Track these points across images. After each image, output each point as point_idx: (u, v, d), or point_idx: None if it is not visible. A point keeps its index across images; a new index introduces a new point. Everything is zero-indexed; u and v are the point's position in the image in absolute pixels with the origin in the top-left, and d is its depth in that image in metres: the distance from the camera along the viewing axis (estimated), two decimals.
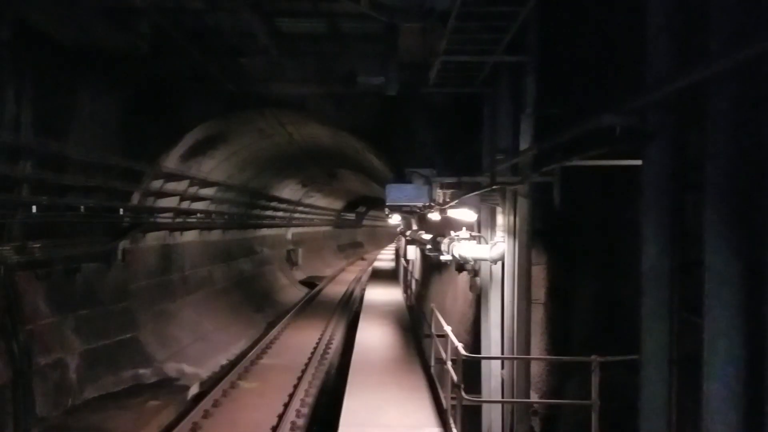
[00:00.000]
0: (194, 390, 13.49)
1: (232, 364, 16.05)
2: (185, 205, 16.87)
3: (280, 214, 29.11)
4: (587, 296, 7.48)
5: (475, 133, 9.91)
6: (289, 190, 28.25)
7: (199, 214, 18.41)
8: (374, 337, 13.45)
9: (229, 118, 14.29)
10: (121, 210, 13.65)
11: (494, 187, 7.82)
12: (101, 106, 12.10)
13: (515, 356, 7.44)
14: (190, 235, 18.95)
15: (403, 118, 12.97)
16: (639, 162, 3.74)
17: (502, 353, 8.15)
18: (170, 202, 15.85)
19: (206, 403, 12.39)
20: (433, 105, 12.37)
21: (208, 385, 14.10)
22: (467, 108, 10.34)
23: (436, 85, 8.81)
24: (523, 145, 7.24)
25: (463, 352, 6.71)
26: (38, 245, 10.95)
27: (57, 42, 9.84)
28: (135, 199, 13.81)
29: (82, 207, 11.79)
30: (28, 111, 9.89)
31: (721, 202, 2.99)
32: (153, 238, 16.18)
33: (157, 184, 14.47)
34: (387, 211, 20.48)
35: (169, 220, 16.47)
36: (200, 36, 10.82)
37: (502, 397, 7.94)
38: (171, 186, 15.17)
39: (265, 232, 28.61)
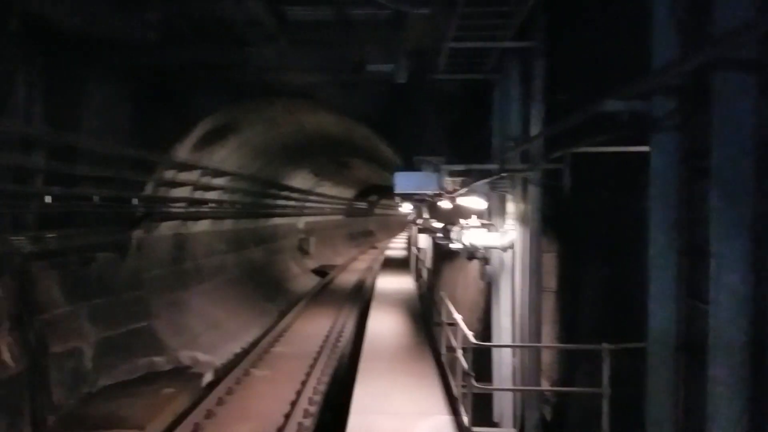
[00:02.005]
0: (208, 378, 13.63)
1: (245, 352, 16.18)
2: (198, 194, 16.97)
3: (291, 203, 29.19)
4: (598, 283, 7.45)
5: (484, 121, 9.86)
6: (300, 179, 28.31)
7: (211, 204, 18.51)
8: (385, 326, 13.50)
9: (239, 108, 14.31)
10: (135, 200, 13.75)
11: (504, 174, 7.79)
12: (112, 97, 12.16)
13: (525, 344, 7.43)
14: (203, 225, 19.07)
15: (412, 105, 12.92)
16: (647, 148, 3.70)
17: (513, 341, 8.15)
18: (183, 191, 15.95)
19: (220, 391, 12.52)
20: (441, 92, 12.30)
21: (222, 372, 14.23)
22: (476, 95, 10.29)
23: (445, 71, 8.76)
24: (533, 131, 7.20)
25: (473, 340, 6.71)
26: (53, 235, 11.07)
27: (66, 33, 9.88)
28: (148, 189, 13.91)
29: (95, 197, 11.89)
30: (39, 101, 9.97)
31: (728, 188, 2.96)
32: (166, 228, 16.30)
33: (169, 174, 14.55)
34: (398, 199, 20.47)
35: (182, 210, 16.58)
36: (208, 25, 10.82)
37: (513, 385, 7.95)
38: (183, 176, 15.26)
39: (276, 221, 28.72)
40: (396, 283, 21.14)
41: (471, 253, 9.89)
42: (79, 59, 10.91)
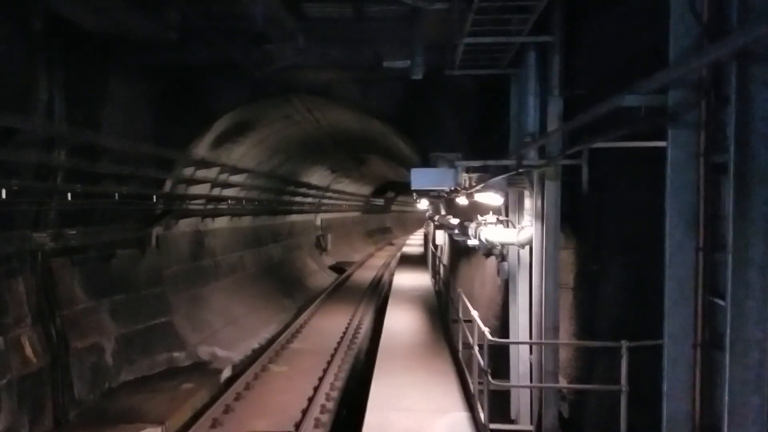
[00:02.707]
0: (227, 373, 13.76)
1: (263, 348, 16.31)
2: (216, 191, 17.11)
3: (309, 200, 29.29)
4: (616, 280, 7.39)
5: (501, 116, 9.81)
6: (317, 176, 28.40)
7: (229, 201, 18.65)
8: (402, 322, 13.52)
9: (256, 106, 14.38)
10: (154, 197, 13.91)
11: (521, 170, 7.75)
12: (131, 95, 12.30)
13: (542, 341, 7.40)
14: (222, 222, 19.23)
15: (429, 101, 12.90)
16: (665, 143, 3.67)
17: (530, 338, 8.11)
18: (201, 189, 16.08)
19: (238, 386, 12.63)
20: (458, 88, 12.26)
21: (240, 368, 14.37)
22: (493, 91, 10.23)
23: (461, 67, 8.73)
24: (550, 127, 7.15)
25: (489, 336, 6.70)
26: (74, 232, 11.24)
27: (87, 31, 10.00)
28: (167, 186, 14.05)
29: (116, 194, 12.04)
30: (61, 100, 10.11)
31: (747, 183, 2.92)
32: (185, 225, 16.46)
33: (188, 171, 14.69)
34: (415, 196, 20.46)
35: (201, 207, 16.74)
36: (227, 24, 10.89)
37: (531, 383, 7.92)
38: (202, 173, 15.39)
39: (294, 218, 28.85)
40: (413, 280, 21.15)
41: (488, 249, 9.87)
42: (100, 58, 11.04)
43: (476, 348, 7.51)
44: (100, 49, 10.80)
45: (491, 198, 9.36)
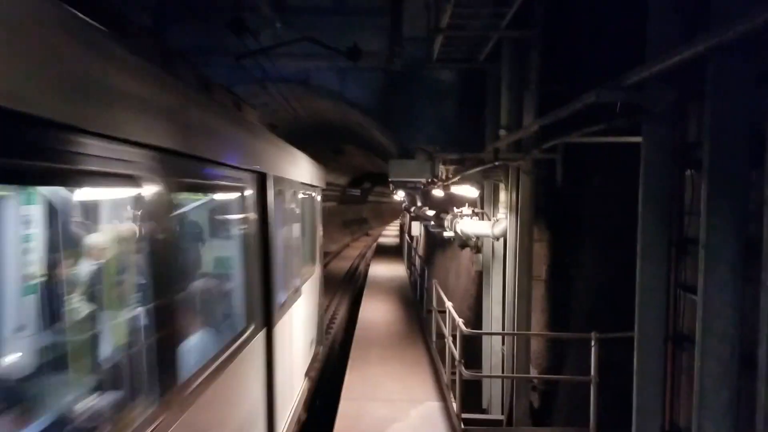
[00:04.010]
0: None
1: None
2: None
3: None
4: (588, 273, 7.50)
5: (479, 110, 9.85)
6: None
7: None
8: (377, 313, 13.54)
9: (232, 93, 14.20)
10: None
11: (496, 163, 7.79)
12: None
13: (515, 332, 7.48)
14: None
15: (408, 93, 12.89)
16: (640, 139, 3.72)
17: (503, 329, 8.19)
18: None
19: None
20: (437, 81, 12.27)
21: None
22: (472, 84, 10.27)
23: (440, 60, 8.74)
24: (527, 121, 7.19)
25: (463, 327, 6.75)
26: None
27: None
28: None
29: None
30: None
31: (720, 180, 2.97)
32: None
33: None
34: (392, 187, 20.47)
35: None
36: (204, 10, 10.73)
37: (503, 373, 8.00)
38: None
39: None
40: (388, 271, 21.18)
41: (463, 241, 9.93)
42: None
43: (450, 338, 7.56)
44: None
45: (467, 190, 9.41)
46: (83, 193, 2.50)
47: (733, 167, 2.95)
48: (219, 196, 4.17)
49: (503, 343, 8.15)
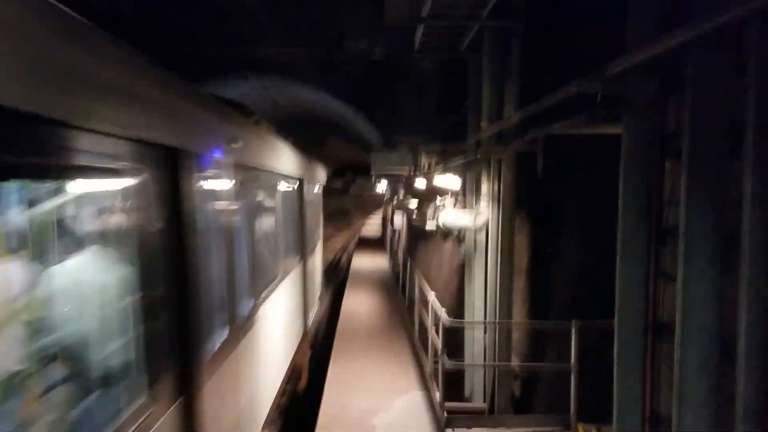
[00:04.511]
0: None
1: None
2: None
3: None
4: (569, 264, 7.55)
5: (462, 101, 9.85)
6: None
7: None
8: (360, 305, 13.54)
9: (214, 83, 14.04)
10: None
11: (478, 155, 7.80)
12: None
13: (497, 321, 7.52)
14: None
15: (390, 84, 12.85)
16: (620, 130, 3.73)
17: (485, 319, 8.24)
18: None
19: None
20: (420, 72, 12.24)
21: None
22: (454, 75, 10.26)
23: (421, 50, 8.70)
24: (508, 112, 7.20)
25: (445, 318, 6.77)
26: None
27: None
28: None
29: None
30: None
31: (700, 170, 2.99)
32: None
33: None
34: (374, 178, 20.43)
35: None
36: None
37: (485, 362, 8.05)
38: None
39: None
40: (371, 262, 21.19)
41: (445, 232, 9.95)
42: None
43: (432, 329, 7.59)
44: None
45: (449, 181, 9.42)
46: None
47: (713, 158, 2.97)
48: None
49: (485, 333, 8.20)
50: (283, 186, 7.11)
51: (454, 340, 8.93)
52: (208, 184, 3.72)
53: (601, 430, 5.60)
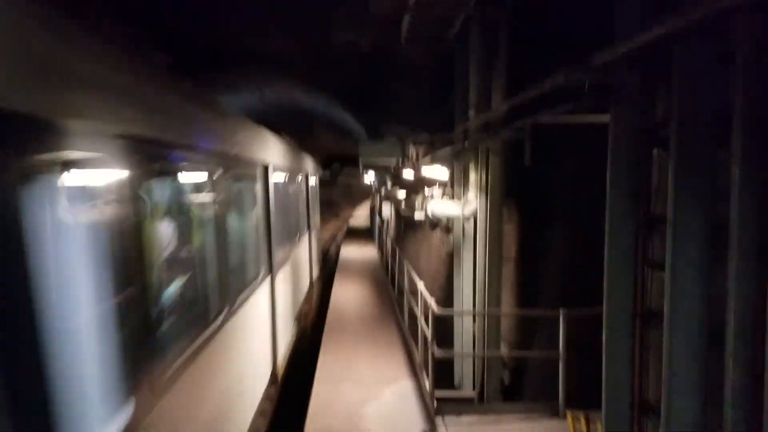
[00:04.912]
0: None
1: None
2: None
3: None
4: (557, 253, 7.60)
5: (450, 91, 9.83)
6: None
7: None
8: (349, 295, 13.55)
9: (197, 77, 13.91)
10: None
11: (465, 144, 7.81)
12: None
13: (486, 310, 7.56)
14: None
15: (379, 75, 12.79)
16: (608, 119, 3.75)
17: (474, 309, 8.27)
18: None
19: None
20: (409, 63, 12.18)
21: None
22: (443, 66, 10.23)
23: (408, 40, 8.67)
24: (495, 102, 7.20)
25: (435, 307, 6.79)
26: None
27: None
28: None
29: None
30: None
31: (687, 158, 3.01)
32: None
33: None
34: (362, 168, 20.39)
35: None
36: None
37: (474, 351, 8.10)
38: None
39: None
40: (360, 253, 21.19)
41: (434, 222, 9.97)
42: None
43: (422, 318, 7.62)
44: None
45: (438, 172, 9.42)
46: None
47: (700, 146, 2.99)
48: None
49: (474, 321, 8.24)
50: (304, 181, 10.52)
51: (443, 329, 8.97)
52: (280, 184, 6.60)
53: (589, 417, 5.66)
